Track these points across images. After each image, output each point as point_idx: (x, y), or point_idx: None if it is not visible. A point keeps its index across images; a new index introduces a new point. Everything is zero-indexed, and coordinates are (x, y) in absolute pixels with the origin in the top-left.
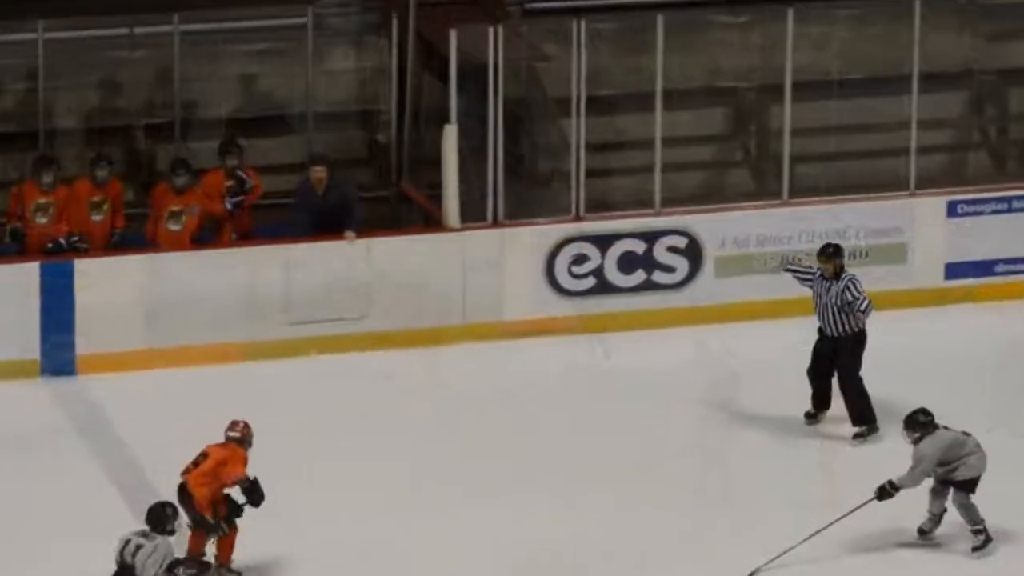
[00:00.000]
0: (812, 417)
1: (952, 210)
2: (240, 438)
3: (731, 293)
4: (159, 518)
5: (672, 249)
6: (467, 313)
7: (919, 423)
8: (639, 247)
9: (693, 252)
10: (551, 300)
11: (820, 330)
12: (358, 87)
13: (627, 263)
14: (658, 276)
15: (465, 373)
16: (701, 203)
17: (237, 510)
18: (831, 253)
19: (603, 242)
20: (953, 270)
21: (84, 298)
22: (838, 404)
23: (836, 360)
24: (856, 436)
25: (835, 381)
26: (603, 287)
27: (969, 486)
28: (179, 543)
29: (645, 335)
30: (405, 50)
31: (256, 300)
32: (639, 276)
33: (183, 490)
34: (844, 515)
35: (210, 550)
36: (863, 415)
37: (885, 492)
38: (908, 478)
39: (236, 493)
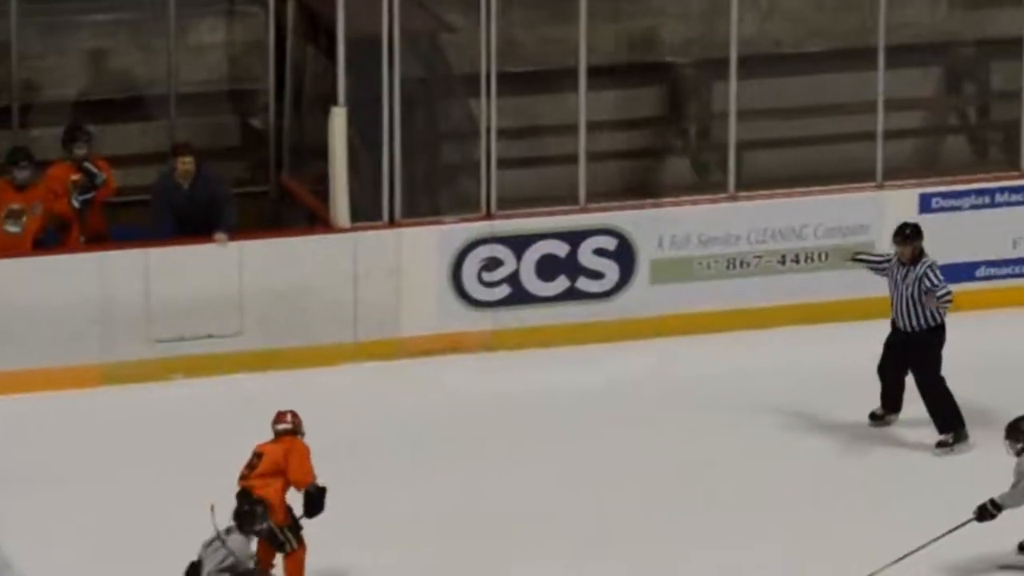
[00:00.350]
0: (879, 419)
1: (926, 204)
2: (293, 429)
3: (669, 303)
4: (246, 517)
5: (600, 251)
6: (360, 328)
7: (1023, 431)
8: (561, 249)
9: (624, 255)
10: (458, 312)
11: (893, 322)
12: (229, 64)
13: (547, 268)
14: (584, 283)
15: (358, 398)
16: (633, 198)
17: (297, 526)
18: (908, 235)
19: (519, 244)
20: None
21: None
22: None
23: (911, 358)
24: (940, 445)
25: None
26: (519, 296)
27: None
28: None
29: (569, 352)
30: (284, 20)
31: (110, 314)
32: (561, 283)
33: (245, 495)
34: (936, 538)
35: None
36: (949, 421)
37: (986, 513)
38: (1011, 496)
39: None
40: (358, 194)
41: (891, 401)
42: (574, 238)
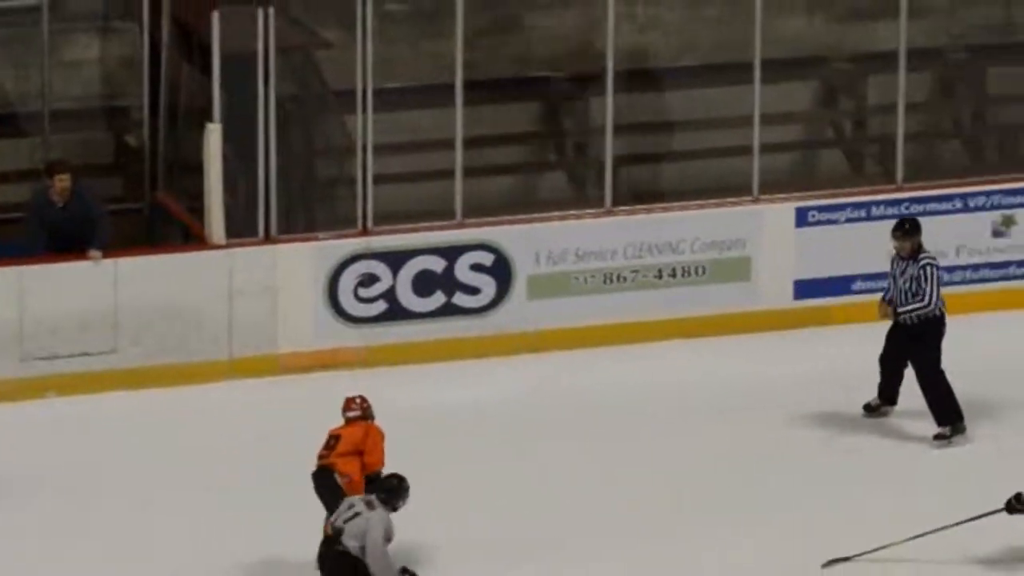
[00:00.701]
0: (873, 410)
1: (802, 218)
2: (363, 414)
3: (546, 318)
4: (393, 491)
5: (477, 267)
6: (235, 345)
7: None
8: (438, 265)
9: (501, 270)
10: (334, 329)
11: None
12: (103, 80)
13: (424, 284)
14: (460, 299)
15: (233, 416)
16: (510, 213)
17: None
18: (908, 230)
19: (395, 260)
20: (804, 288)
21: None
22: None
23: (910, 350)
24: (938, 437)
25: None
26: (396, 312)
27: None
28: None
29: (446, 368)
30: (159, 37)
31: None
32: (438, 299)
33: (325, 473)
34: (954, 524)
35: None
36: (947, 413)
37: (1012, 507)
38: None
39: None
40: (233, 210)
41: (888, 393)
42: (451, 254)
